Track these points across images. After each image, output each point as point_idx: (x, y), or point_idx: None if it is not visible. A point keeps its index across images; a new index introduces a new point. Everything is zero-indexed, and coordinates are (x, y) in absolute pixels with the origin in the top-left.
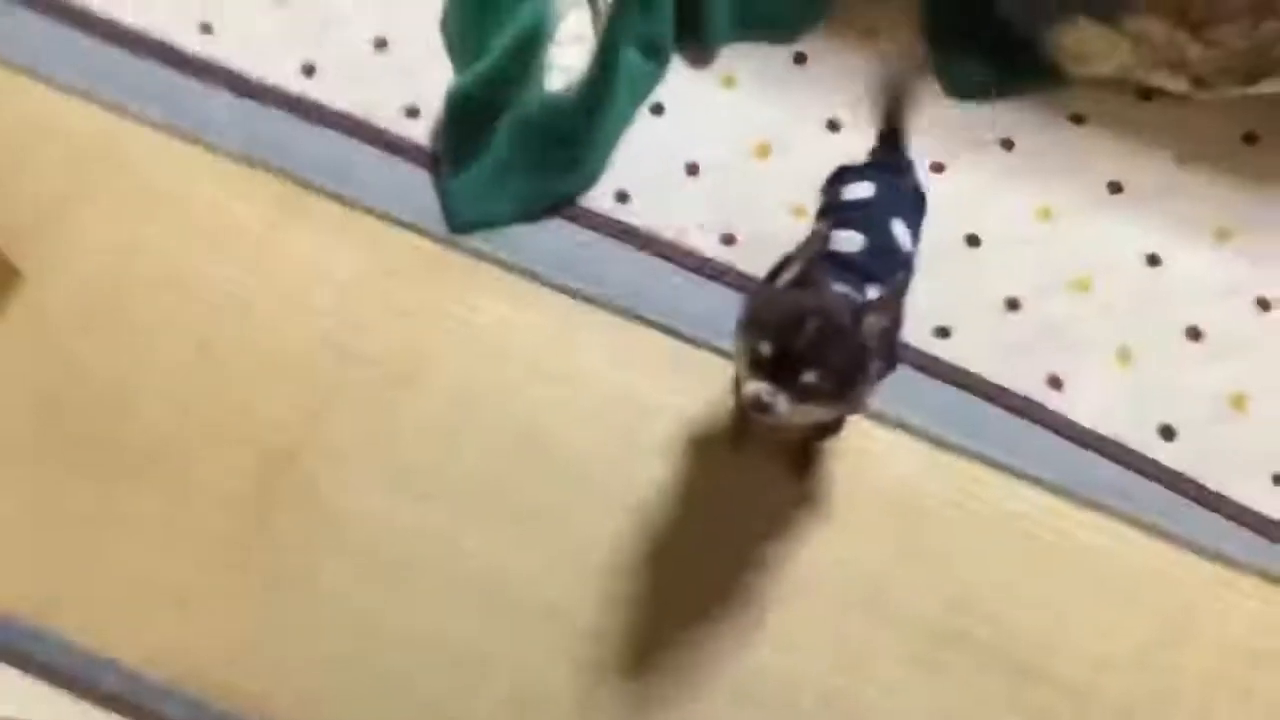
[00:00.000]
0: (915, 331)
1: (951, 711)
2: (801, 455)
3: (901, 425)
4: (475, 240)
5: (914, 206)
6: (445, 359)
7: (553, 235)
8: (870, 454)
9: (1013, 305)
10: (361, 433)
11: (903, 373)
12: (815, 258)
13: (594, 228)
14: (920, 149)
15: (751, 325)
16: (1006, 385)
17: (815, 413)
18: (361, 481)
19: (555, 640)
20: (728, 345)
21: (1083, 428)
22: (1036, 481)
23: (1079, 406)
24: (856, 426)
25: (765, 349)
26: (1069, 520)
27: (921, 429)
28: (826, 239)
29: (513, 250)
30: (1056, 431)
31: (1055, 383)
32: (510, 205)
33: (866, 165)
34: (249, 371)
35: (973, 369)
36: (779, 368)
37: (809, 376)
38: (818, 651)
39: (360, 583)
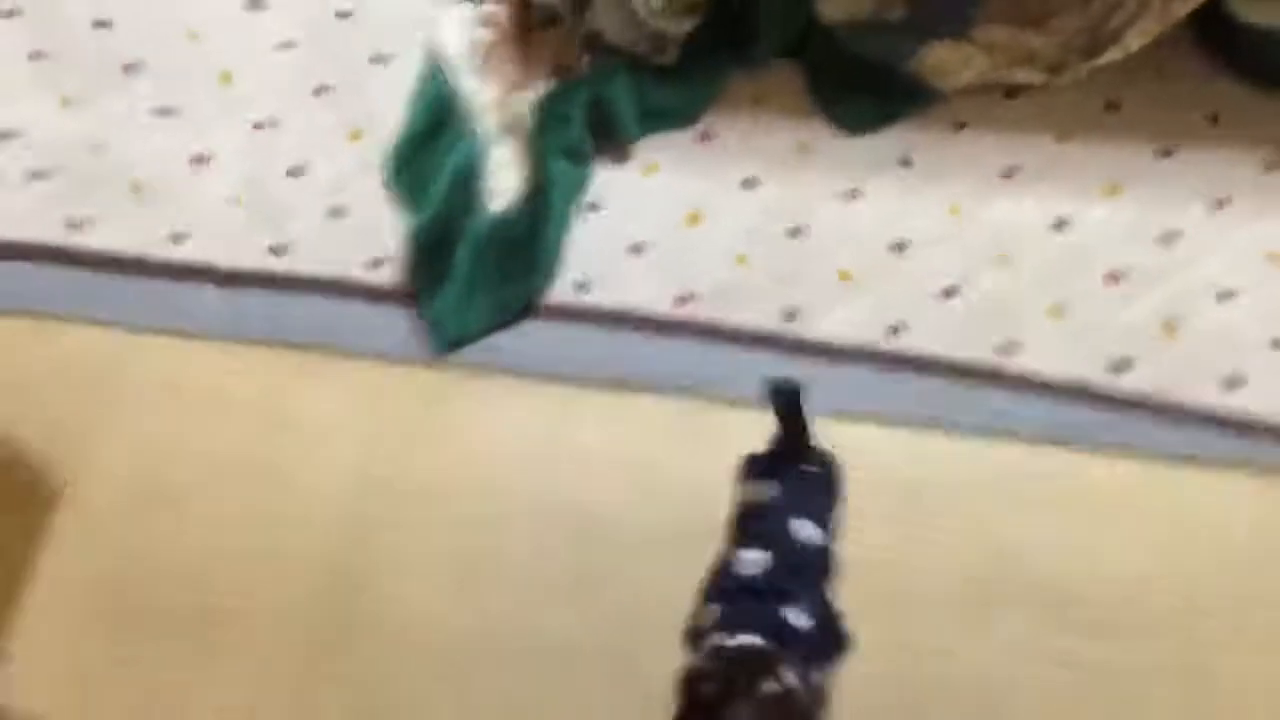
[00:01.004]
0: (870, 331)
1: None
2: None
3: (876, 420)
4: (462, 357)
5: (824, 492)
6: (463, 467)
7: (529, 335)
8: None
9: (949, 293)
10: (403, 547)
11: (867, 374)
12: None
13: (564, 319)
14: (832, 184)
15: None
16: (964, 361)
17: None
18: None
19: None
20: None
21: (1043, 381)
22: (1015, 437)
23: (1031, 363)
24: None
25: None
26: (1057, 462)
27: (897, 419)
28: (729, 565)
29: (498, 356)
30: (1021, 390)
31: (1005, 349)
32: (484, 318)
33: (770, 458)
34: (292, 524)
35: (930, 355)
36: None
37: None
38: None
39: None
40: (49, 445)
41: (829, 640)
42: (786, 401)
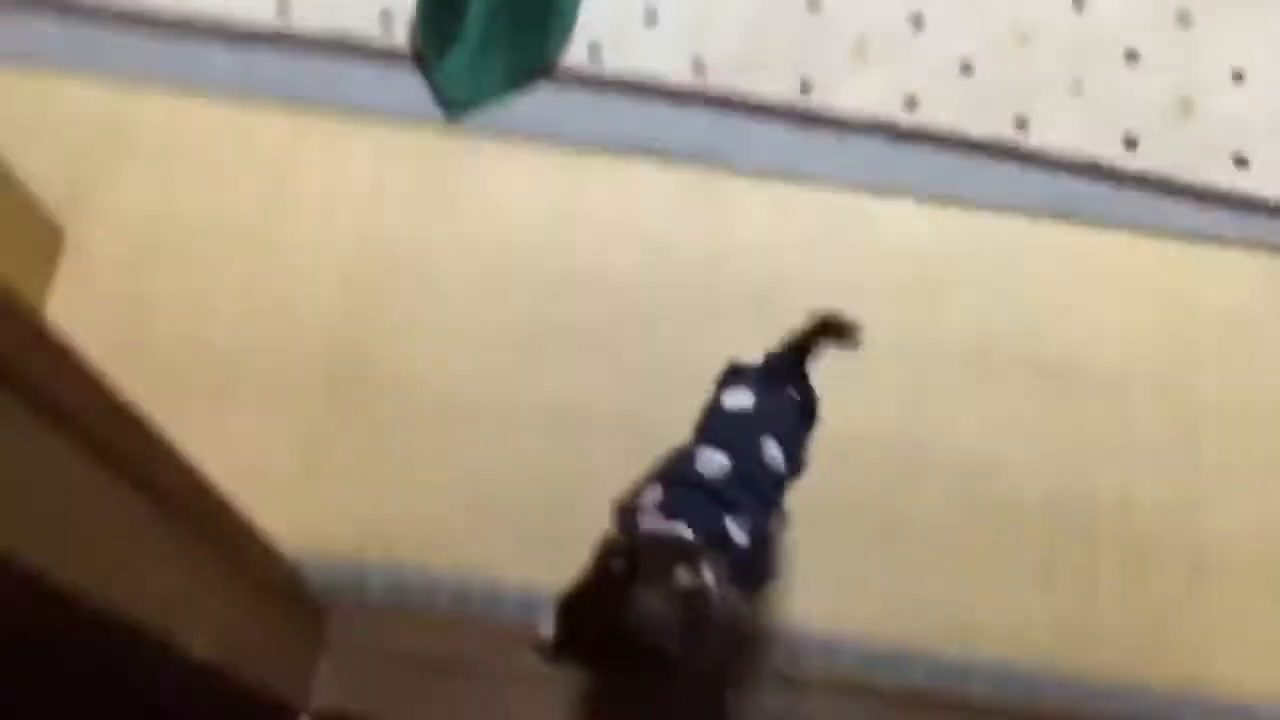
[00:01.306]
0: (885, 104)
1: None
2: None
3: (889, 192)
4: (472, 119)
5: (797, 422)
6: (469, 230)
7: (540, 99)
8: (867, 223)
9: (966, 68)
10: (413, 307)
11: (881, 146)
12: (640, 548)
13: (577, 84)
14: None
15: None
16: (978, 135)
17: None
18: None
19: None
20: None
21: (1056, 156)
22: (1027, 212)
23: (1045, 139)
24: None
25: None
26: (1067, 237)
27: (911, 191)
28: (691, 458)
29: (507, 119)
30: (1034, 164)
31: (1020, 125)
32: (495, 80)
33: (755, 370)
34: (296, 279)
35: (944, 128)
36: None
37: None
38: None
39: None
40: (51, 199)
41: (760, 565)
42: (827, 330)
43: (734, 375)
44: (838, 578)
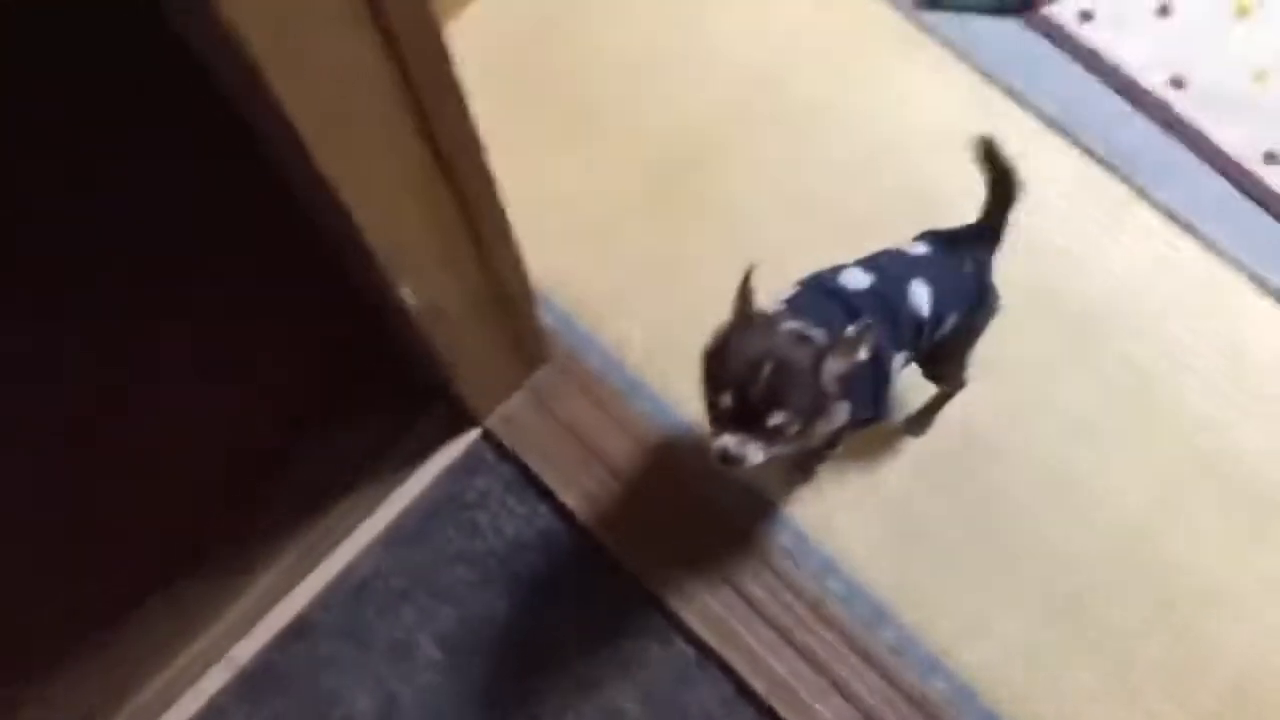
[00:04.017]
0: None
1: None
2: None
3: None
4: (934, 19)
5: (960, 295)
6: (861, 110)
7: (1007, 32)
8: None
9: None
10: (773, 153)
11: None
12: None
13: (1050, 37)
14: None
15: (708, 379)
16: None
17: (787, 450)
18: (762, 192)
19: None
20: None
21: None
22: None
23: None
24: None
25: (726, 401)
26: None
27: None
28: (837, 270)
29: (966, 36)
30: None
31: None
32: None
33: (943, 233)
34: (686, 80)
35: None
36: (742, 417)
37: (775, 419)
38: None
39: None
40: None
41: (875, 390)
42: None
43: (924, 234)
44: (985, 606)
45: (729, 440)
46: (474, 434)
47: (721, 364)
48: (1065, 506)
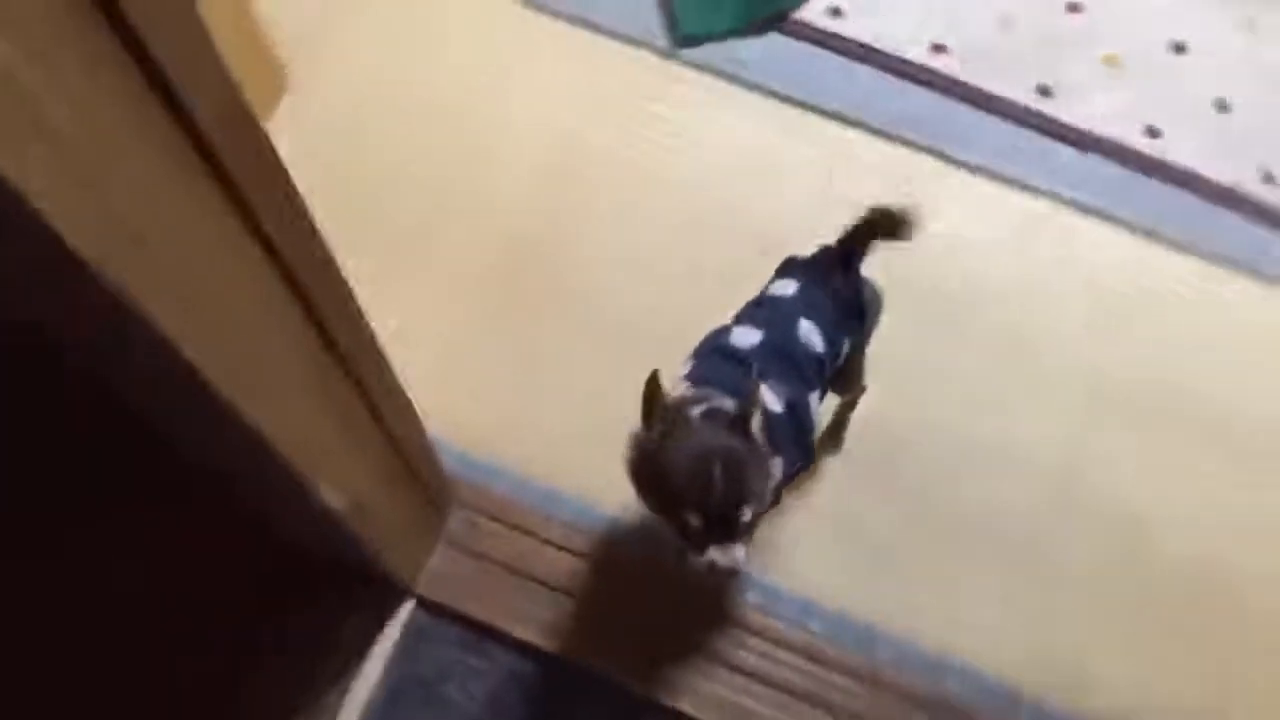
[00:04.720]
0: (1125, 126)
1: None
2: None
3: (1102, 216)
4: (697, 54)
5: (841, 313)
6: (672, 160)
7: (769, 47)
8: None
9: (1222, 106)
10: (598, 222)
11: (1109, 168)
12: (680, 406)
13: (808, 39)
14: None
15: (659, 503)
16: (1218, 181)
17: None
18: (599, 263)
19: None
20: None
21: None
22: (1248, 269)
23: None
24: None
25: (694, 521)
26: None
27: (1126, 220)
28: (725, 332)
29: (731, 61)
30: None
31: (1267, 178)
32: (729, 18)
33: (804, 261)
34: (499, 168)
35: (1184, 166)
36: (714, 527)
37: (746, 514)
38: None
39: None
40: (284, 47)
41: (799, 437)
42: (878, 224)
43: (785, 266)
44: (959, 589)
45: (715, 555)
46: (409, 605)
47: (664, 483)
48: (992, 470)
